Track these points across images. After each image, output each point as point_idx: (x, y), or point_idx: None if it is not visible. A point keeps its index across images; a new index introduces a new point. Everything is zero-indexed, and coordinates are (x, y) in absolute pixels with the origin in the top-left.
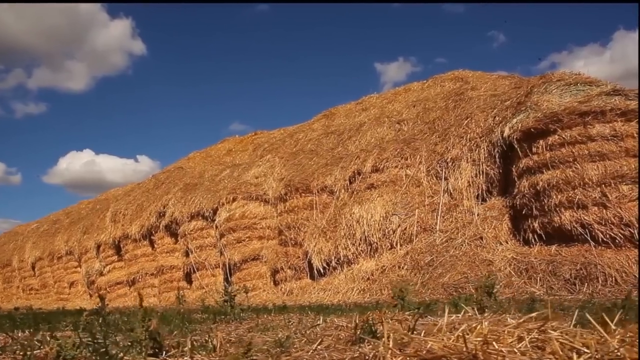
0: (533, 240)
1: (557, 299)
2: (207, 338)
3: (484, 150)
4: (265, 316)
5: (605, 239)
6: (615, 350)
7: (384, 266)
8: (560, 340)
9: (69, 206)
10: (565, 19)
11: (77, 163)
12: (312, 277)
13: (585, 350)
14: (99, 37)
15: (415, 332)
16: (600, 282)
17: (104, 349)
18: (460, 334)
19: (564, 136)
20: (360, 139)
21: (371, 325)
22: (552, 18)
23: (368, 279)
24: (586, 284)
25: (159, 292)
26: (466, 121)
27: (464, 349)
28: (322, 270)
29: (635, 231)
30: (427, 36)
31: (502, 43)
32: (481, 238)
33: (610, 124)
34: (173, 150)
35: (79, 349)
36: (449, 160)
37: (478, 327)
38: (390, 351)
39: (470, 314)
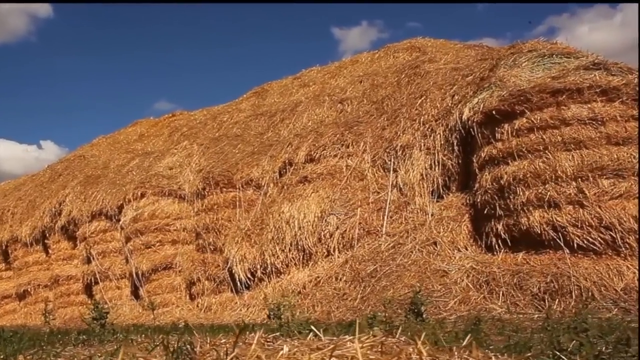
0: (497, 247)
1: (519, 319)
2: None
3: (441, 137)
4: (138, 338)
5: (581, 245)
6: None
7: (318, 277)
8: None
9: None
10: None
11: None
12: (234, 290)
13: None
14: None
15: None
16: (574, 297)
17: None
18: None
19: (533, 119)
20: (295, 121)
21: (190, 346)
22: None
23: (299, 292)
24: (557, 299)
25: (55, 307)
26: (420, 100)
27: None
28: (245, 282)
29: (618, 235)
30: None
31: (489, 4)
32: (435, 243)
33: (589, 105)
34: (85, 134)
35: None
36: (398, 148)
37: (280, 353)
38: None
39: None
